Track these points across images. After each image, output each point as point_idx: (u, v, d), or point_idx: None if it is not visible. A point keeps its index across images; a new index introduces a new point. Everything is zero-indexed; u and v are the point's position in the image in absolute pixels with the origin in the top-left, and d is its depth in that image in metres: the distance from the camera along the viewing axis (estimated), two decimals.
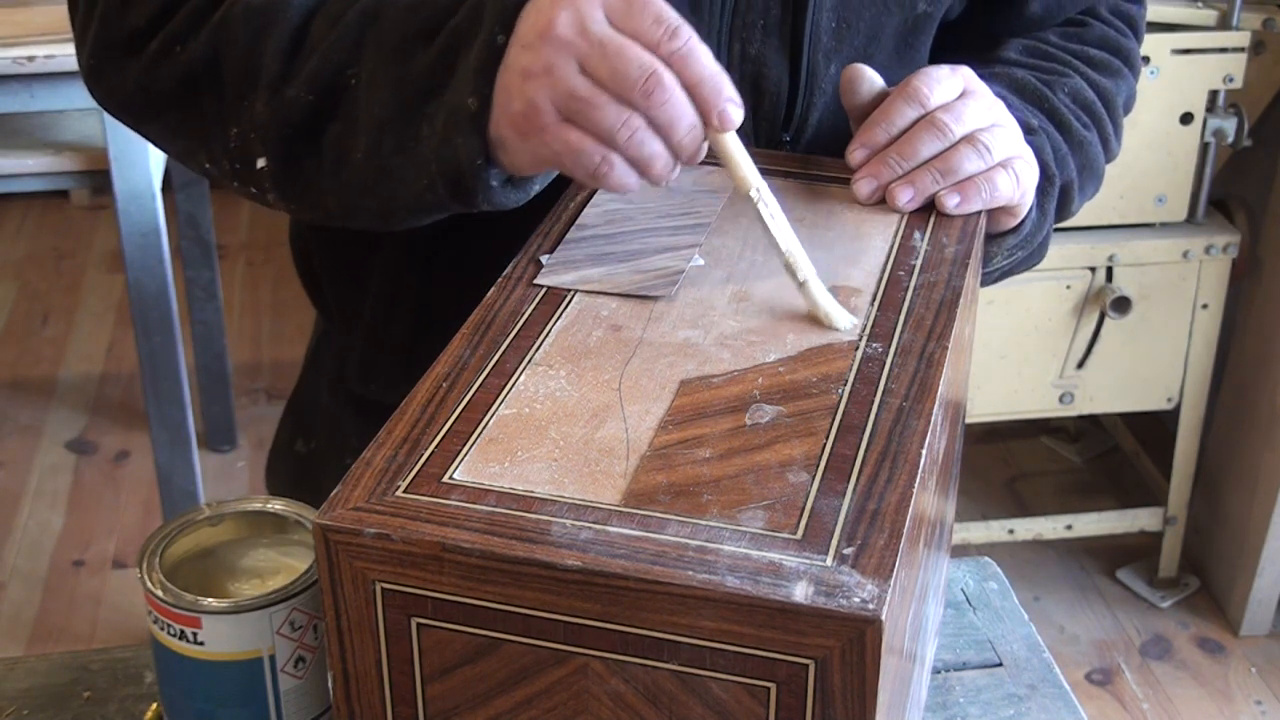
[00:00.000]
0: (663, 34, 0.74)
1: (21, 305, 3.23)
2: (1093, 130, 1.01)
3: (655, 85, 0.73)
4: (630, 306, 0.76)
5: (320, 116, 0.83)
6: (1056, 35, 1.06)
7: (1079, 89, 1.01)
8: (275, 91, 0.83)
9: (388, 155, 0.81)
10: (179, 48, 0.86)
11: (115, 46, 0.88)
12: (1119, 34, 1.08)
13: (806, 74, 0.95)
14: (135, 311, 2.05)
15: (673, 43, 0.74)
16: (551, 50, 0.74)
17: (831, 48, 0.95)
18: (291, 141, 0.84)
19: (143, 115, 0.91)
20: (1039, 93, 0.99)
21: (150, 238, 2.00)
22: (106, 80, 0.90)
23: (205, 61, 0.85)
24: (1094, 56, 1.05)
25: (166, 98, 0.88)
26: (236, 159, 0.86)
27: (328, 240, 1.08)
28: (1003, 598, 1.01)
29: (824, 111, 0.97)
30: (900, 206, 0.86)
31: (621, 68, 0.74)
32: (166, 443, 2.13)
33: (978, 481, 2.65)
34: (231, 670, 0.73)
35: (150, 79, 0.87)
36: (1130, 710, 2.22)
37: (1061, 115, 0.99)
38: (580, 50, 0.74)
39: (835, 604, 0.56)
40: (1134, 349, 2.24)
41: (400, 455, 0.64)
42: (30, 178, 2.05)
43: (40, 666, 0.91)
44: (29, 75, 1.87)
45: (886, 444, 0.66)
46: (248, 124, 0.85)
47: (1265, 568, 2.31)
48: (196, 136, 0.88)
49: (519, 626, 0.60)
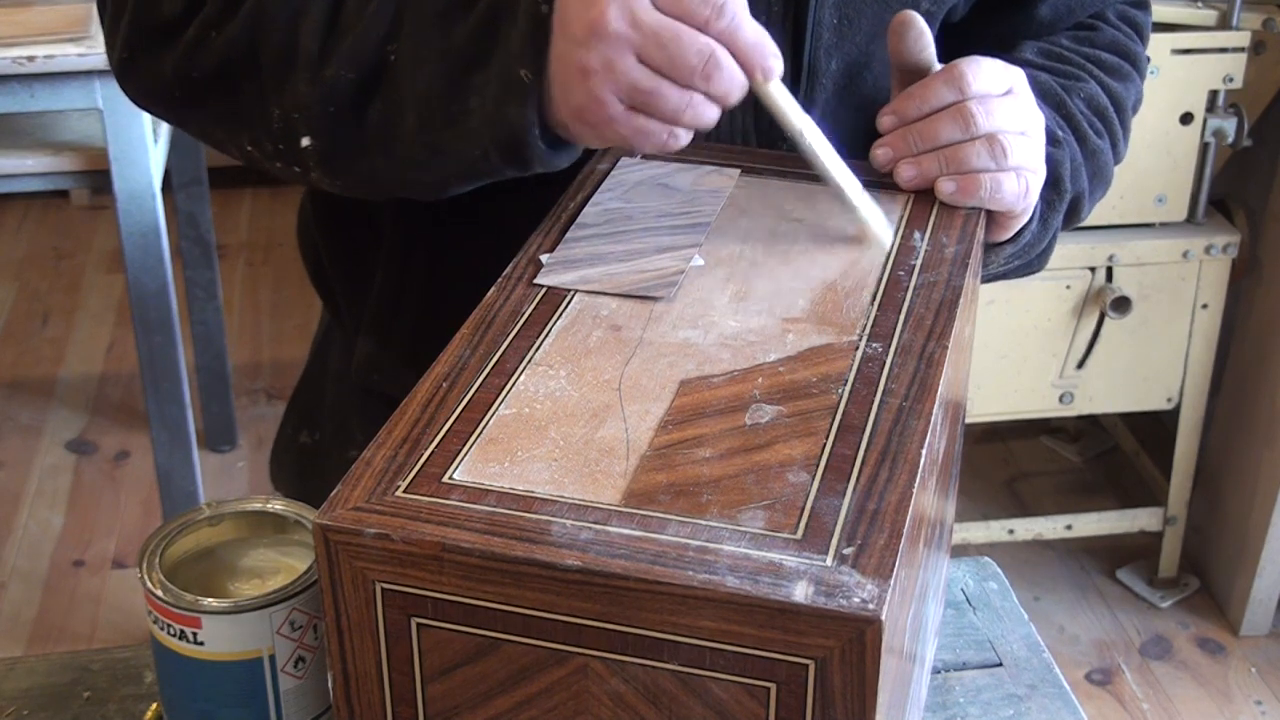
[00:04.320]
0: (710, 12, 0.76)
1: (21, 305, 3.23)
2: (1105, 138, 1.01)
3: (713, 68, 0.76)
4: (630, 306, 0.76)
5: (363, 93, 0.83)
6: (1069, 39, 1.06)
7: (1094, 95, 1.02)
8: (315, 71, 0.83)
9: (438, 129, 0.82)
10: (215, 33, 0.86)
11: (151, 37, 0.88)
12: (1127, 38, 1.08)
13: (808, 69, 0.95)
14: (135, 311, 2.05)
15: (721, 19, 0.76)
16: (607, 46, 0.75)
17: (833, 44, 0.95)
18: (335, 120, 0.84)
19: (182, 104, 0.91)
20: (1058, 98, 0.99)
21: (150, 238, 2.00)
22: (142, 73, 0.90)
23: (243, 45, 0.85)
24: (1105, 60, 1.05)
25: (206, 85, 0.88)
26: (280, 140, 0.86)
27: (334, 233, 1.09)
28: (1003, 598, 1.01)
29: (825, 107, 0.97)
30: (902, 182, 0.87)
31: (679, 54, 0.75)
32: (166, 443, 2.13)
33: (978, 481, 2.65)
34: (231, 670, 0.73)
35: (189, 67, 0.87)
36: (1130, 710, 2.22)
37: (1078, 122, 0.99)
38: (635, 42, 0.75)
39: (835, 604, 0.56)
40: (1134, 349, 2.24)
41: (400, 455, 0.64)
42: (30, 178, 2.05)
43: (40, 666, 0.91)
44: (29, 75, 1.87)
45: (886, 444, 0.66)
46: (290, 105, 0.85)
47: (1265, 568, 2.31)
48: (238, 121, 0.88)
49: (519, 626, 0.60)
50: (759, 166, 0.91)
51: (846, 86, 0.98)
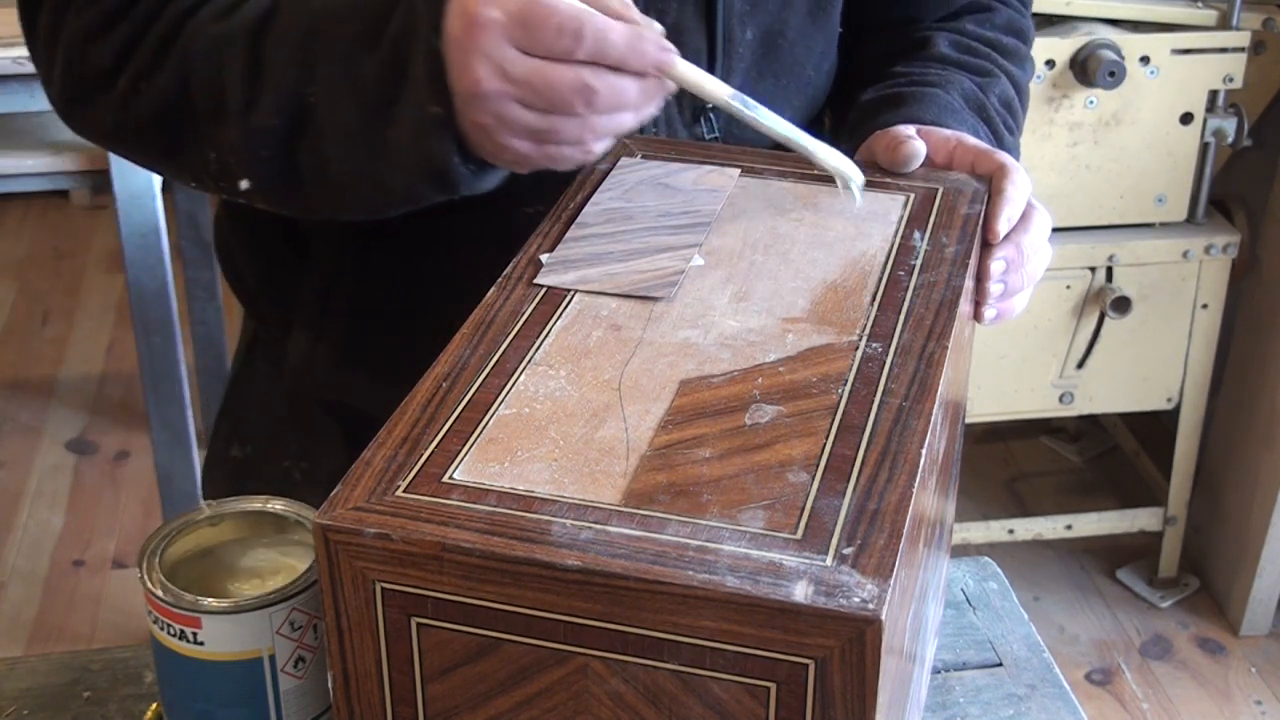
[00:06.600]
0: (569, 41, 0.77)
1: (21, 305, 3.23)
2: (1015, 134, 1.06)
3: (590, 95, 0.78)
4: (630, 306, 0.76)
5: (291, 137, 0.85)
6: (972, 24, 1.10)
7: (1004, 91, 1.06)
8: (243, 118, 0.85)
9: (363, 162, 0.84)
10: (145, 84, 0.88)
11: (85, 86, 0.90)
12: (1018, 14, 1.12)
13: (723, 40, 0.97)
14: (135, 311, 2.05)
15: (583, 45, 0.77)
16: (489, 104, 0.78)
17: (745, 12, 0.98)
18: (268, 162, 0.86)
19: (122, 146, 0.94)
20: (979, 101, 1.03)
21: (150, 238, 2.00)
22: (81, 116, 0.93)
23: (174, 96, 0.87)
24: (1006, 45, 1.09)
25: (143, 131, 0.90)
26: (219, 179, 0.89)
27: (254, 241, 1.09)
28: (1003, 598, 1.01)
29: (744, 77, 1.00)
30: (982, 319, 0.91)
31: (554, 95, 0.77)
32: (166, 443, 2.13)
33: (978, 481, 2.65)
34: (231, 670, 0.73)
35: (124, 115, 0.89)
36: (1130, 710, 2.22)
37: (996, 125, 1.03)
38: (513, 94, 0.78)
39: (835, 604, 0.56)
40: (1134, 349, 2.24)
41: (400, 455, 0.64)
42: (30, 178, 2.05)
43: (40, 666, 0.91)
44: (29, 75, 1.87)
45: (886, 444, 0.66)
46: (225, 149, 0.87)
47: (1265, 568, 2.31)
48: (177, 164, 0.91)
49: (519, 626, 0.60)
50: (759, 166, 0.91)
51: (764, 56, 1.00)
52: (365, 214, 0.91)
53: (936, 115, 0.98)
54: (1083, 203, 2.16)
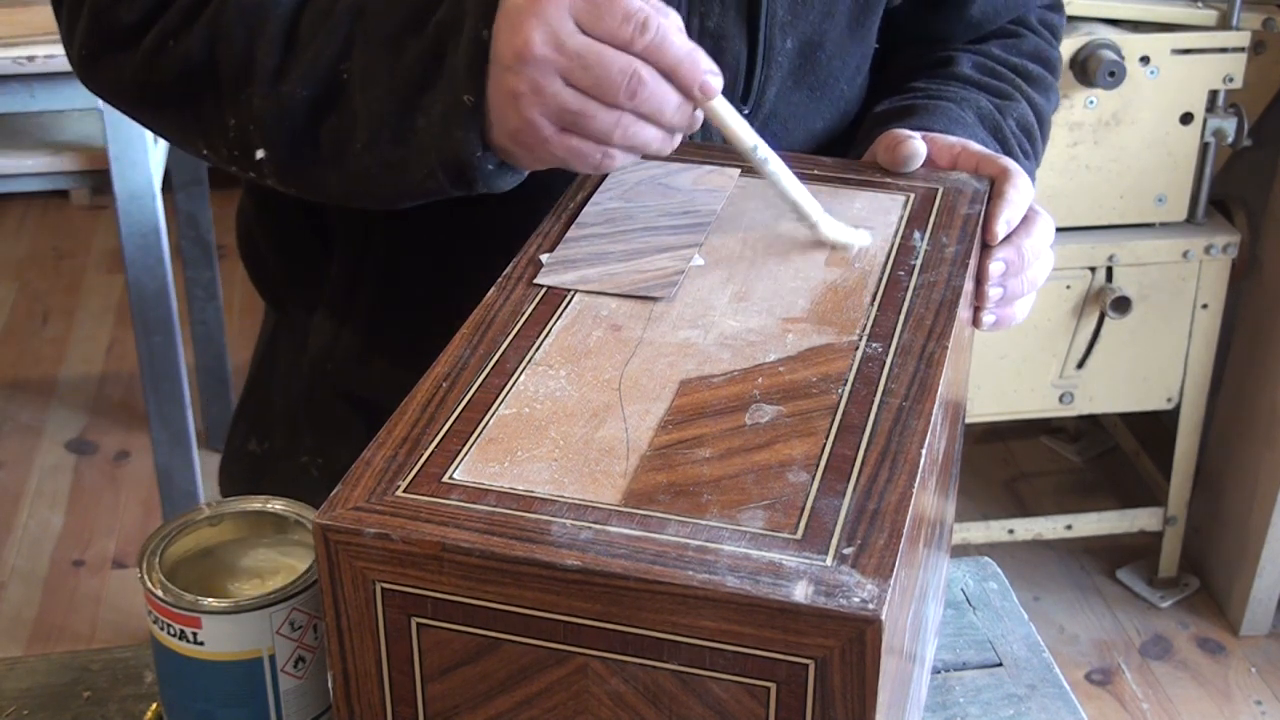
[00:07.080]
0: (634, 30, 0.77)
1: (21, 305, 3.23)
2: (1032, 159, 1.06)
3: (637, 85, 0.77)
4: (630, 306, 0.76)
5: (317, 110, 0.85)
6: (998, 48, 1.10)
7: (1023, 115, 1.06)
8: (271, 87, 0.85)
9: (386, 147, 0.83)
10: (173, 43, 0.87)
11: (108, 41, 0.89)
12: (1047, 44, 1.12)
13: (764, 47, 0.97)
14: (135, 311, 2.05)
15: (644, 36, 0.77)
16: (533, 70, 0.77)
17: (787, 22, 0.98)
18: (290, 134, 0.85)
19: (141, 106, 0.93)
20: (995, 121, 1.03)
21: (150, 238, 2.00)
22: (100, 73, 0.92)
23: (201, 57, 0.87)
24: (1031, 72, 1.09)
25: (164, 91, 0.89)
26: (235, 148, 0.88)
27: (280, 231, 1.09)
28: (1003, 598, 1.01)
29: (781, 85, 0.99)
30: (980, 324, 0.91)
31: (603, 75, 0.77)
32: (166, 443, 2.13)
33: (978, 481, 2.65)
34: (231, 670, 0.73)
35: (147, 74, 0.89)
36: (1130, 710, 2.22)
37: (1010, 146, 1.03)
38: (561, 65, 0.77)
39: (835, 604, 0.56)
40: (1134, 349, 2.24)
41: (400, 455, 0.64)
42: (30, 178, 2.05)
43: (40, 666, 0.91)
44: (29, 75, 1.87)
45: (886, 444, 0.66)
46: (245, 117, 0.86)
47: (1265, 568, 2.31)
48: (196, 127, 0.90)
49: (519, 626, 0.60)
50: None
51: (801, 66, 1.00)
52: (377, 203, 0.90)
53: (945, 126, 0.98)
54: (1083, 203, 2.16)
